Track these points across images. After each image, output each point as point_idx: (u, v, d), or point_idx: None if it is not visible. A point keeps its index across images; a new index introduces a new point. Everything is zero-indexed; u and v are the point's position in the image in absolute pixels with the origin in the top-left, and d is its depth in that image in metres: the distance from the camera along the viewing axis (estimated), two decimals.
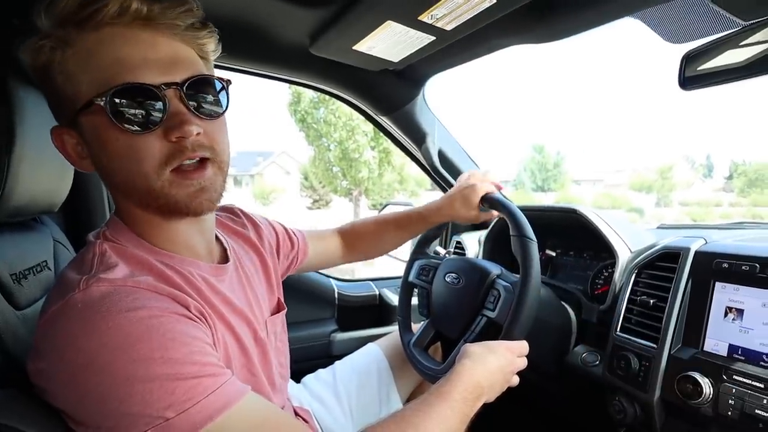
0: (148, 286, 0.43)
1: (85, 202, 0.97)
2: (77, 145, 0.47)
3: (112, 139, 0.43)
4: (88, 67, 0.43)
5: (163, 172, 0.45)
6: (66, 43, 0.43)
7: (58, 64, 0.43)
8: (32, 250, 0.60)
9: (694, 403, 0.63)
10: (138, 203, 0.48)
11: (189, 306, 0.45)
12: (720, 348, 0.65)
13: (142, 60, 0.43)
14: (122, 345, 0.37)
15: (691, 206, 23.28)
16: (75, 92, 0.43)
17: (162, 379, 0.37)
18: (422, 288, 0.92)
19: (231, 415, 0.40)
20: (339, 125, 7.69)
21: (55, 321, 0.40)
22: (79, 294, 0.40)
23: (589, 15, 0.74)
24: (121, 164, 0.45)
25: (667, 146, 70.08)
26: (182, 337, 0.40)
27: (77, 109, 0.43)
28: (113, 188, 0.50)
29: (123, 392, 0.37)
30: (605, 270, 0.98)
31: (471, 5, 0.69)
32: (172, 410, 0.37)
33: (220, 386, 0.40)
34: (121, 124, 0.42)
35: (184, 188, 0.46)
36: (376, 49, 0.90)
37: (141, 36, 0.43)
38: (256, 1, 0.77)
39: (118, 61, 0.42)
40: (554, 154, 27.60)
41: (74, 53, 0.43)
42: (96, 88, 0.42)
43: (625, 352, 0.74)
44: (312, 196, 23.23)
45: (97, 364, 0.37)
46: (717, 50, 0.67)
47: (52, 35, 0.43)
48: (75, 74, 0.43)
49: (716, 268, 0.69)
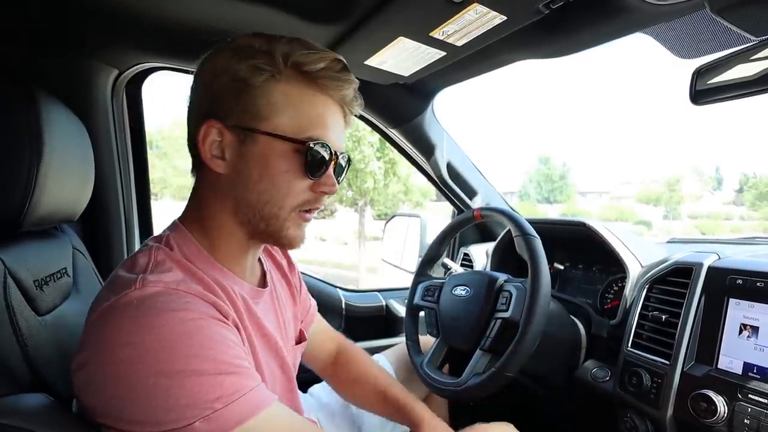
0: (196, 292, 0.46)
1: (103, 212, 0.99)
2: (222, 144, 0.50)
3: (283, 169, 0.50)
4: (297, 111, 0.50)
5: (293, 211, 0.52)
6: (289, 83, 0.50)
7: (269, 91, 0.49)
8: (53, 258, 0.61)
9: (708, 421, 0.62)
10: (240, 219, 0.52)
11: (228, 317, 0.48)
12: (735, 366, 0.64)
13: (333, 129, 0.52)
14: (173, 341, 0.40)
15: (701, 219, 22.98)
16: (270, 116, 0.49)
17: (210, 373, 0.40)
18: (429, 309, 0.92)
19: (269, 414, 0.43)
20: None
21: (107, 316, 0.42)
22: (135, 292, 0.42)
23: (598, 31, 0.75)
24: (269, 188, 0.50)
25: (674, 158, 69.55)
26: (225, 339, 0.44)
27: (267, 131, 0.49)
28: (228, 197, 0.52)
29: (173, 384, 0.39)
30: (615, 284, 0.97)
31: (481, 22, 0.71)
32: (221, 402, 0.39)
33: (257, 385, 0.43)
34: (301, 165, 0.50)
35: (297, 229, 0.54)
36: (387, 64, 0.92)
37: (337, 112, 0.54)
38: (270, 19, 0.79)
39: (322, 120, 0.51)
40: (560, 166, 27.56)
41: (288, 91, 0.50)
42: (297, 129, 0.50)
43: (636, 368, 0.73)
44: None
45: (148, 359, 0.39)
46: (728, 65, 0.67)
47: (281, 70, 0.49)
48: (281, 107, 0.49)
49: (730, 285, 0.68)
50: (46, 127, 0.51)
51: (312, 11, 0.78)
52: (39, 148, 0.50)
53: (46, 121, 0.52)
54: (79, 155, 0.63)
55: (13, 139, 0.49)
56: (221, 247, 0.53)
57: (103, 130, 0.97)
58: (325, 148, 0.51)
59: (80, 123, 0.65)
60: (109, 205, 1.00)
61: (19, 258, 0.52)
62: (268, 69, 0.49)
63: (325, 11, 0.78)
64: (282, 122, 0.49)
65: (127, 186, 1.05)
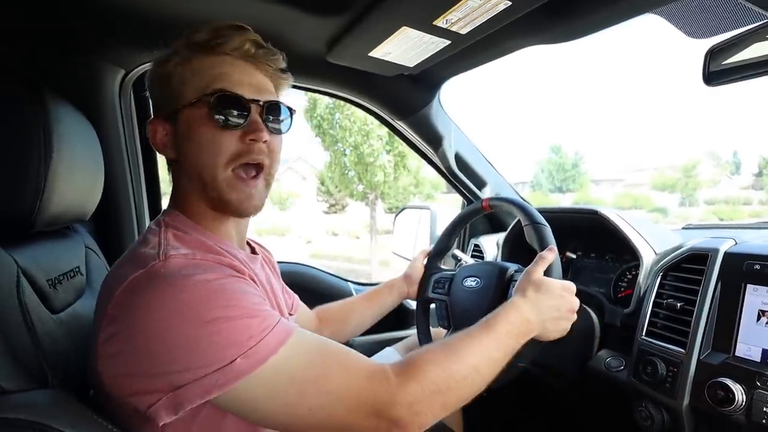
0: (211, 259, 0.51)
1: (114, 211, 1.01)
2: (166, 136, 0.58)
3: (204, 130, 0.55)
4: (200, 76, 0.55)
5: (227, 169, 0.55)
6: (189, 60, 0.57)
7: (178, 74, 0.56)
8: (66, 257, 0.63)
9: (725, 410, 0.61)
10: (200, 194, 0.57)
11: (244, 273, 0.53)
12: (753, 353, 0.63)
13: (240, 80, 0.56)
14: (204, 297, 0.45)
15: (718, 205, 22.39)
16: (183, 93, 0.56)
17: (240, 318, 0.45)
18: (440, 301, 0.92)
19: (295, 339, 0.48)
20: (354, 129, 7.71)
21: (137, 286, 0.46)
22: (160, 263, 0.47)
23: (606, 13, 0.73)
24: (201, 153, 0.55)
25: (689, 143, 67.79)
26: (246, 290, 0.49)
27: (182, 105, 0.55)
28: (184, 177, 0.59)
29: (213, 330, 0.44)
30: (629, 272, 0.95)
31: (485, 9, 0.69)
32: (253, 340, 0.45)
33: (279, 320, 0.49)
34: (214, 118, 0.54)
35: (237, 193, 0.57)
36: (391, 55, 0.91)
37: (244, 66, 0.58)
38: (273, 12, 0.79)
39: (224, 75, 0.56)
40: (572, 154, 27.06)
41: (192, 67, 0.56)
42: (202, 90, 0.55)
43: (651, 357, 0.72)
44: (328, 200, 23.40)
45: (187, 313, 0.44)
46: (742, 44, 0.64)
47: (181, 53, 0.57)
48: (188, 80, 0.56)
49: (747, 270, 0.66)
50: (55, 128, 0.52)
51: (314, 3, 0.77)
52: (48, 149, 0.51)
53: (55, 123, 0.52)
54: (89, 155, 0.64)
55: (23, 141, 0.50)
56: (202, 222, 0.58)
57: (111, 130, 0.98)
58: (232, 96, 0.55)
59: (89, 124, 0.66)
60: (120, 203, 1.02)
61: (33, 258, 0.54)
62: (176, 57, 0.57)
63: (326, 3, 0.77)
64: (190, 92, 0.55)
65: (138, 184, 1.07)
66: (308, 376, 0.47)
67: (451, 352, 0.55)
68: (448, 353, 0.55)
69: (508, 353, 0.61)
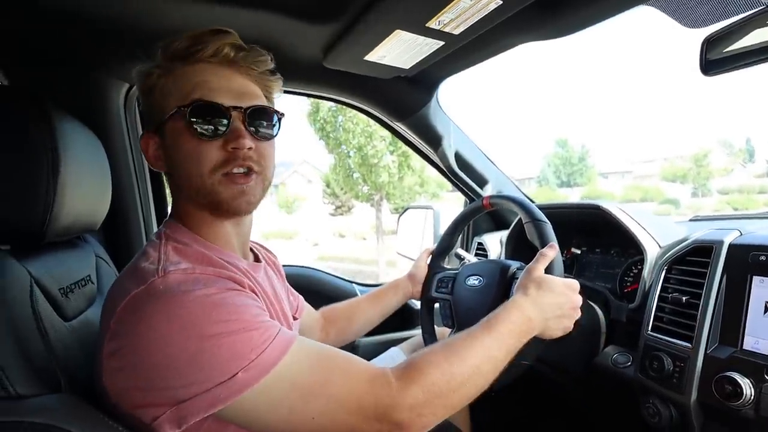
0: (211, 272, 0.51)
1: (123, 221, 1.03)
2: (157, 149, 0.59)
3: (185, 141, 0.55)
4: (179, 86, 0.55)
5: (214, 175, 0.55)
6: (170, 71, 0.56)
7: (161, 86, 0.57)
8: (77, 266, 0.64)
9: (734, 405, 0.60)
10: (194, 202, 0.58)
11: (244, 285, 0.53)
12: (761, 346, 0.62)
13: (219, 87, 0.55)
14: (204, 312, 0.45)
15: (732, 194, 21.93)
16: (165, 105, 0.56)
17: (240, 332, 0.46)
18: (443, 300, 0.92)
19: (296, 349, 0.48)
20: (357, 131, 7.73)
21: (138, 302, 0.46)
22: (159, 279, 0.47)
23: (598, 7, 0.73)
24: (186, 164, 0.55)
25: (700, 132, 66.53)
26: (245, 303, 0.49)
27: (166, 117, 0.55)
28: (176, 188, 0.60)
29: (214, 345, 0.44)
30: (634, 267, 0.94)
31: (477, 9, 0.69)
32: (254, 353, 0.45)
33: (279, 331, 0.49)
34: (193, 128, 0.54)
35: (229, 190, 0.56)
36: (387, 58, 0.91)
37: (223, 71, 0.57)
38: (270, 21, 0.80)
39: (203, 83, 0.55)
40: (579, 148, 26.78)
41: (174, 78, 0.56)
42: (181, 101, 0.54)
43: (657, 352, 0.71)
44: (334, 203, 23.45)
45: (188, 329, 0.44)
46: (740, 32, 0.64)
47: (162, 65, 0.57)
48: (170, 92, 0.56)
49: (753, 262, 0.65)
50: (62, 142, 0.54)
51: (307, 11, 0.78)
52: (56, 162, 0.53)
53: (62, 137, 0.54)
54: (96, 167, 0.65)
55: (31, 156, 0.52)
56: (202, 231, 0.58)
57: (118, 142, 1.00)
58: (209, 105, 0.54)
59: (95, 137, 0.67)
60: (128, 213, 1.04)
61: (45, 268, 0.55)
62: (158, 69, 0.57)
63: (320, 10, 0.78)
64: (172, 103, 0.55)
65: (145, 194, 1.09)
66: (310, 383, 0.48)
67: (452, 353, 0.55)
68: (449, 354, 0.54)
69: (510, 352, 0.60)
